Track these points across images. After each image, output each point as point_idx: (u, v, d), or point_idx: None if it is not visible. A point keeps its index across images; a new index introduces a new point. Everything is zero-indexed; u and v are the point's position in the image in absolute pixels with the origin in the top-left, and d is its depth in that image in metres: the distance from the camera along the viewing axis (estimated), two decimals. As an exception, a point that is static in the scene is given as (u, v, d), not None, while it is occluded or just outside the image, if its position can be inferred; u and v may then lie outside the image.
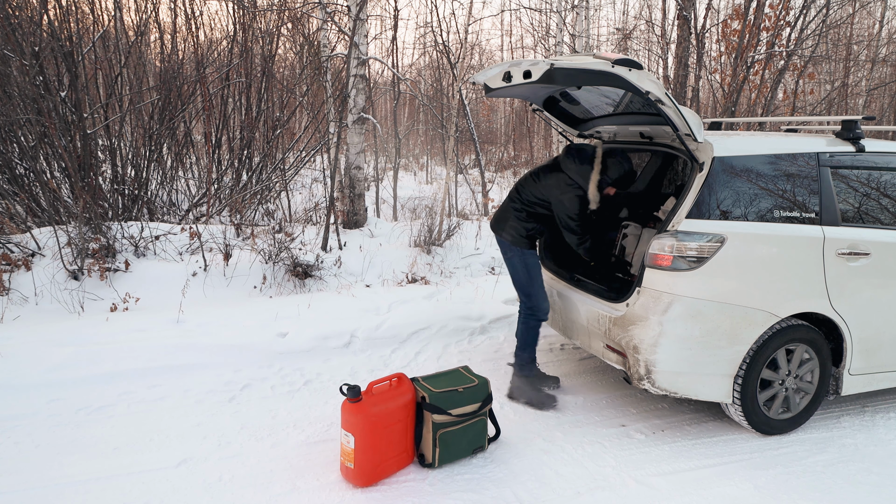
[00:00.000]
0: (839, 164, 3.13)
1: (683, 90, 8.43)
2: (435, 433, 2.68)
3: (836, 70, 14.18)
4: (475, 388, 2.81)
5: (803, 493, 2.61)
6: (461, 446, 2.77)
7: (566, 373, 3.87)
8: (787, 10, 8.15)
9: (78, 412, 3.15)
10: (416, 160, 22.65)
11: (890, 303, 3.13)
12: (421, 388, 2.73)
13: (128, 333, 3.88)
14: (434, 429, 2.68)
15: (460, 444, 2.77)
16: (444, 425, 2.69)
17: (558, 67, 2.76)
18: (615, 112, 3.61)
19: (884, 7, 13.91)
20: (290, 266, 5.36)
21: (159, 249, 5.39)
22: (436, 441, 2.69)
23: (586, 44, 10.61)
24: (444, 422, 2.69)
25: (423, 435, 2.73)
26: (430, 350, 4.16)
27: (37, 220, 5.68)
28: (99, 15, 7.20)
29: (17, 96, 5.48)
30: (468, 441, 2.79)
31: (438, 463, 2.71)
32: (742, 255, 2.84)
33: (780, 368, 3.02)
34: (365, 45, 6.57)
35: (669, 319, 2.80)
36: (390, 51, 12.13)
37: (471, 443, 2.80)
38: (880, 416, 3.36)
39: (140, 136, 6.89)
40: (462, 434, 2.76)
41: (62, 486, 2.51)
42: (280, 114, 8.33)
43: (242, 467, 2.69)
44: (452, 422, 2.71)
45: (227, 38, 8.22)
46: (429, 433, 2.70)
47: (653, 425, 3.19)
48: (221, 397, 3.38)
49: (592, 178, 3.27)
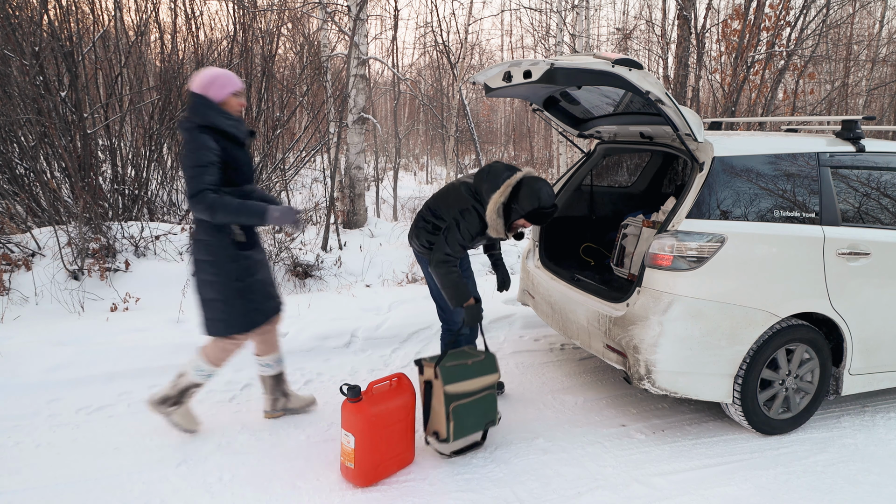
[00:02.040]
0: (839, 164, 3.13)
1: (683, 90, 8.43)
2: (448, 407, 2.66)
3: (836, 70, 14.18)
4: (483, 362, 2.81)
5: (804, 493, 2.61)
6: (474, 420, 2.76)
7: (566, 373, 3.87)
8: (787, 10, 8.15)
9: (78, 412, 3.15)
10: (416, 160, 22.66)
11: (890, 303, 3.13)
12: (429, 363, 2.73)
13: (128, 333, 3.88)
14: (447, 402, 2.65)
15: (473, 418, 2.75)
16: (456, 397, 2.67)
17: (558, 67, 2.76)
18: (615, 112, 3.62)
19: (884, 7, 13.92)
20: (290, 266, 5.36)
21: (159, 249, 5.39)
22: (449, 415, 2.66)
23: (586, 44, 10.61)
24: (457, 393, 2.67)
25: (435, 409, 2.70)
26: (431, 350, 4.16)
27: (37, 220, 5.68)
28: (99, 15, 7.19)
29: (17, 96, 5.48)
30: (481, 414, 2.78)
31: (454, 436, 2.69)
32: (742, 255, 2.84)
33: (781, 368, 3.02)
34: (365, 45, 6.57)
35: (670, 319, 2.80)
36: (390, 51, 12.13)
37: (484, 416, 2.79)
38: (880, 416, 3.36)
39: (140, 136, 6.89)
40: (474, 407, 2.74)
41: (62, 486, 2.51)
42: (280, 114, 8.32)
43: (242, 467, 2.69)
44: (465, 393, 2.70)
45: (227, 38, 8.21)
46: (441, 407, 2.67)
47: (653, 425, 3.19)
48: (221, 397, 3.38)
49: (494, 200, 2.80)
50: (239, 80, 2.68)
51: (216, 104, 2.60)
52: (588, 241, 4.42)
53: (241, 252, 2.69)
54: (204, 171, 2.49)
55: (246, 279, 2.71)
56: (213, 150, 2.52)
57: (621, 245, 3.92)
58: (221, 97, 2.61)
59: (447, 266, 2.81)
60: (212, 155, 2.51)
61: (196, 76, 2.62)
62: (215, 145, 2.53)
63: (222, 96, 2.62)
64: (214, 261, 2.65)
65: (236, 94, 2.65)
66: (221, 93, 2.61)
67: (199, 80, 2.60)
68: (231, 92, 2.64)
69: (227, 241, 2.64)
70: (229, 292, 2.68)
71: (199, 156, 2.49)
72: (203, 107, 2.57)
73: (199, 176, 2.48)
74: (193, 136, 2.52)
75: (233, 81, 2.64)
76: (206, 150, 2.50)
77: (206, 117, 2.56)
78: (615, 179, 4.68)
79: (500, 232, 2.86)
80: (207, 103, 2.58)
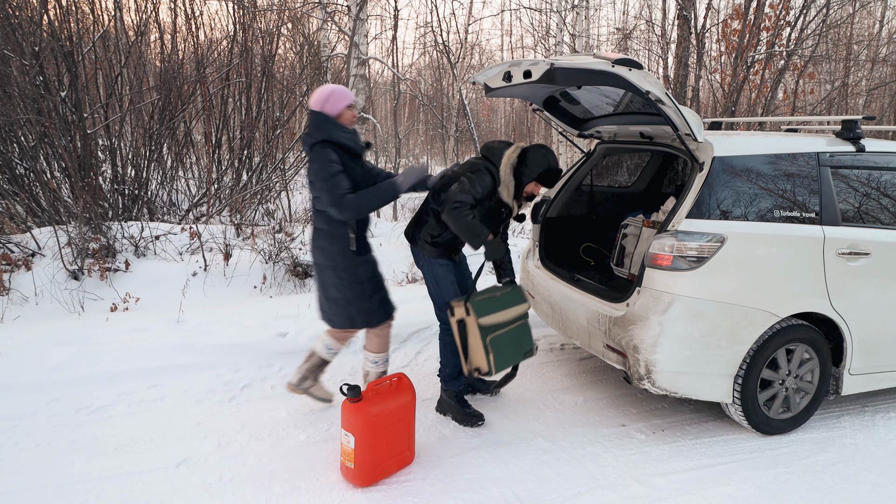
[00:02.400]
0: (839, 164, 3.13)
1: (683, 90, 8.43)
2: (484, 340, 2.70)
3: (836, 70, 14.18)
4: (511, 294, 2.88)
5: (804, 493, 2.61)
6: (512, 350, 2.82)
7: (566, 373, 3.87)
8: (787, 10, 8.15)
9: (78, 412, 3.15)
10: (417, 160, 22.65)
11: (890, 303, 3.13)
12: (458, 303, 2.79)
13: (128, 333, 3.88)
14: (483, 335, 2.69)
15: (511, 348, 2.81)
16: (491, 329, 2.73)
17: (558, 67, 2.76)
18: (615, 112, 3.61)
19: (884, 7, 13.92)
20: (290, 266, 5.36)
21: (159, 249, 5.39)
22: (487, 347, 2.70)
23: (586, 44, 10.62)
24: (491, 325, 2.73)
25: (473, 345, 2.74)
26: (431, 350, 4.16)
27: (37, 220, 5.69)
28: (99, 15, 7.19)
29: (17, 96, 5.48)
30: (518, 343, 2.83)
31: (496, 368, 2.73)
32: (742, 255, 2.84)
33: (781, 368, 3.02)
34: (365, 45, 6.57)
35: (669, 319, 2.80)
36: (390, 51, 12.14)
37: (520, 346, 2.84)
38: (880, 416, 3.36)
39: (140, 136, 6.89)
40: (510, 337, 2.80)
41: (62, 486, 2.51)
42: (280, 114, 8.33)
43: (243, 467, 2.69)
44: (499, 324, 2.76)
45: (227, 38, 8.21)
46: (478, 342, 2.70)
47: (653, 425, 3.19)
48: (221, 397, 3.38)
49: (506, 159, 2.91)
50: (351, 94, 2.86)
51: (333, 118, 2.80)
52: (588, 241, 4.42)
53: (360, 257, 2.90)
54: (337, 181, 2.70)
55: (369, 281, 2.94)
56: (336, 162, 2.72)
57: (621, 245, 3.92)
58: (337, 111, 2.80)
59: (460, 210, 2.80)
60: (337, 166, 2.72)
61: (314, 94, 2.84)
62: (336, 157, 2.73)
63: (337, 110, 2.81)
64: (337, 266, 2.88)
65: (350, 106, 2.84)
66: (337, 107, 2.80)
67: (316, 98, 2.81)
68: (345, 105, 2.82)
69: (343, 248, 2.85)
70: (354, 293, 2.90)
71: (328, 168, 2.70)
72: (322, 122, 2.78)
73: (334, 187, 2.69)
74: (317, 151, 2.74)
75: (346, 95, 2.83)
76: (330, 162, 2.71)
77: (325, 132, 2.76)
78: (615, 179, 4.68)
79: (511, 193, 2.92)
80: (325, 119, 2.78)
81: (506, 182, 2.90)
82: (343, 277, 2.87)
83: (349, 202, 2.70)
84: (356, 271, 2.88)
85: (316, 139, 2.75)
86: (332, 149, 2.73)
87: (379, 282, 3.01)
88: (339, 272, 2.88)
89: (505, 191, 2.91)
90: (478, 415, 3.15)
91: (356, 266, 2.88)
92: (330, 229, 2.84)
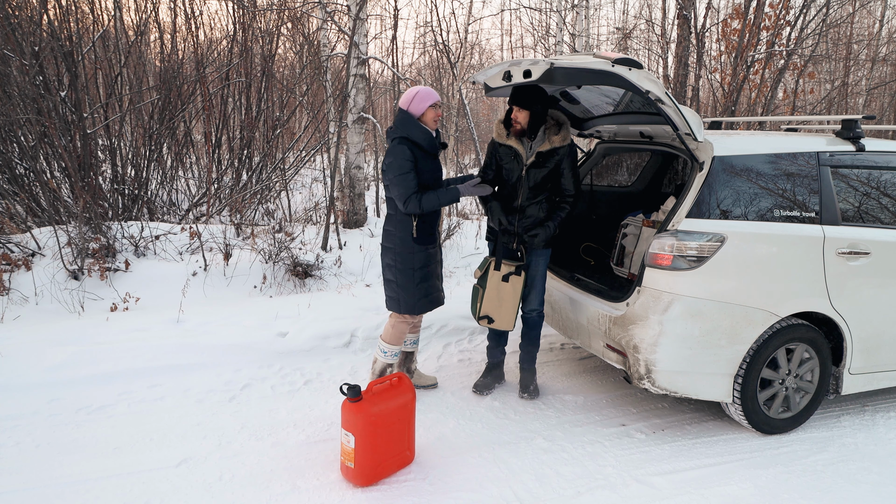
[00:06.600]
0: (839, 164, 3.13)
1: (683, 89, 8.43)
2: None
3: (836, 69, 14.18)
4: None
5: (803, 492, 2.61)
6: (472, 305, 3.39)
7: (566, 372, 3.87)
8: (787, 10, 8.14)
9: (78, 412, 3.16)
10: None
11: (890, 302, 3.13)
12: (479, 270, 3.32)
13: (128, 333, 3.88)
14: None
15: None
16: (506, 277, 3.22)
17: (558, 67, 2.76)
18: (615, 111, 3.61)
19: (884, 6, 13.91)
20: (290, 266, 5.35)
21: (159, 249, 5.39)
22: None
23: (586, 43, 10.62)
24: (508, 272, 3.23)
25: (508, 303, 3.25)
26: (431, 349, 4.16)
27: (37, 220, 5.68)
28: (99, 15, 7.20)
29: (17, 96, 5.48)
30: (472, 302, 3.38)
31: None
32: (742, 255, 2.84)
33: (781, 368, 3.02)
34: (365, 44, 6.56)
35: (669, 319, 2.80)
36: (390, 50, 12.12)
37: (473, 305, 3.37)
38: (880, 416, 3.36)
39: (140, 135, 6.89)
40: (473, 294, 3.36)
41: (62, 486, 2.52)
42: (280, 113, 8.32)
43: (243, 467, 2.69)
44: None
45: (227, 38, 8.21)
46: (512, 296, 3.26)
47: (653, 424, 3.19)
48: (221, 397, 3.38)
49: None
50: (436, 94, 3.09)
51: (415, 118, 3.05)
52: (588, 241, 4.42)
53: (418, 246, 3.12)
54: (406, 178, 2.97)
55: (420, 270, 3.15)
56: (409, 160, 2.97)
57: (621, 245, 3.92)
58: (420, 111, 3.06)
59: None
60: (409, 164, 2.97)
61: (403, 94, 3.10)
62: (410, 154, 2.98)
63: (421, 110, 3.05)
64: (396, 249, 3.13)
65: (434, 106, 3.07)
66: (420, 106, 3.05)
67: (405, 98, 3.08)
68: (429, 105, 3.06)
69: (408, 235, 3.10)
70: (405, 278, 3.14)
71: (400, 164, 2.97)
72: (405, 120, 3.04)
73: (404, 182, 2.97)
74: (394, 146, 3.01)
75: (431, 96, 3.06)
76: (404, 160, 2.97)
77: (405, 129, 3.02)
78: (615, 179, 4.68)
79: (501, 119, 3.28)
80: (408, 117, 3.04)
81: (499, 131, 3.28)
82: (398, 261, 3.12)
83: (412, 200, 2.98)
84: (411, 258, 3.11)
85: (397, 135, 3.03)
86: (409, 146, 2.99)
87: (429, 274, 3.20)
88: (396, 255, 3.13)
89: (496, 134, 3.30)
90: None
91: (412, 253, 3.11)
92: (397, 214, 3.12)
